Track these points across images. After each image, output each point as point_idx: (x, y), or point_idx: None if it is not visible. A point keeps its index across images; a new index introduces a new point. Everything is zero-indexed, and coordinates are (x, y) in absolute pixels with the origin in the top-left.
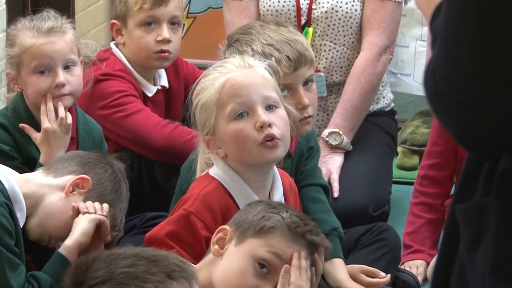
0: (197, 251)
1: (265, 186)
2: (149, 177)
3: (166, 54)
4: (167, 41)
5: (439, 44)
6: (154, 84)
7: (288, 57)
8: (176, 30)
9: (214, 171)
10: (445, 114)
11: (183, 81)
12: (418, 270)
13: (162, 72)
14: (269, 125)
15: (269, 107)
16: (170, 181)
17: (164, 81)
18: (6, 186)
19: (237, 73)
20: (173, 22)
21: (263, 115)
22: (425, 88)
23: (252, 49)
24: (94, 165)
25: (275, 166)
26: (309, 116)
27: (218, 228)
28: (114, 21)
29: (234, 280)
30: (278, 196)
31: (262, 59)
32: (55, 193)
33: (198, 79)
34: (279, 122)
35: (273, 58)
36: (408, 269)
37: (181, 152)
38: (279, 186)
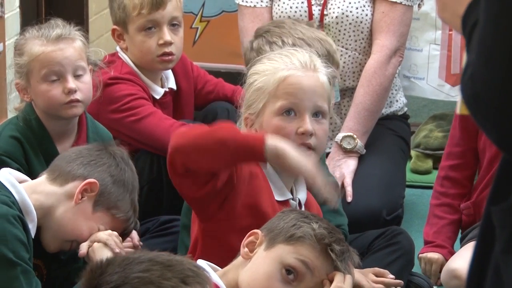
0: None
1: (290, 180)
2: (168, 176)
3: (170, 56)
4: (169, 43)
5: (477, 50)
6: (162, 86)
7: (318, 54)
8: (177, 31)
9: None
10: (484, 118)
11: (193, 83)
12: (433, 267)
13: (170, 74)
14: (310, 134)
15: (316, 115)
16: None
17: (172, 83)
18: (17, 197)
19: (301, 73)
20: (173, 24)
21: (309, 124)
22: (463, 94)
23: (283, 41)
24: (96, 162)
25: None
26: None
27: (250, 232)
28: (114, 26)
29: (260, 284)
30: (302, 195)
31: (327, 65)
32: (64, 203)
33: (260, 57)
34: (320, 133)
35: None
36: (423, 264)
37: None
38: (304, 189)
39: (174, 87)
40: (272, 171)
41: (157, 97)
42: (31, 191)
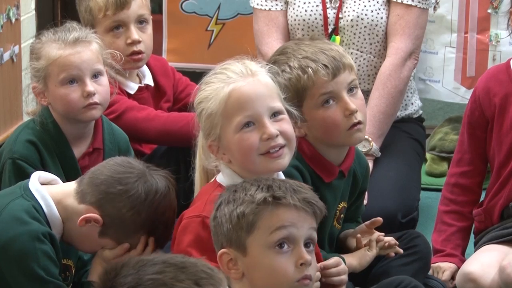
0: None
1: None
2: (186, 169)
3: (140, 55)
4: (137, 42)
5: None
6: (140, 83)
7: (325, 65)
8: (145, 29)
9: (220, 179)
10: None
11: (172, 83)
12: (444, 274)
13: (147, 72)
14: (276, 135)
15: (274, 115)
16: None
17: (148, 80)
18: (46, 210)
19: (241, 83)
20: (141, 21)
21: (270, 127)
22: None
23: (289, 66)
24: (115, 198)
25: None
26: (359, 123)
27: (218, 256)
28: None
29: (276, 280)
30: None
31: (263, 63)
32: (75, 220)
33: (198, 84)
34: (284, 129)
35: (310, 69)
36: (435, 273)
37: (179, 136)
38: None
39: (151, 83)
40: None
41: (131, 92)
42: (57, 201)
